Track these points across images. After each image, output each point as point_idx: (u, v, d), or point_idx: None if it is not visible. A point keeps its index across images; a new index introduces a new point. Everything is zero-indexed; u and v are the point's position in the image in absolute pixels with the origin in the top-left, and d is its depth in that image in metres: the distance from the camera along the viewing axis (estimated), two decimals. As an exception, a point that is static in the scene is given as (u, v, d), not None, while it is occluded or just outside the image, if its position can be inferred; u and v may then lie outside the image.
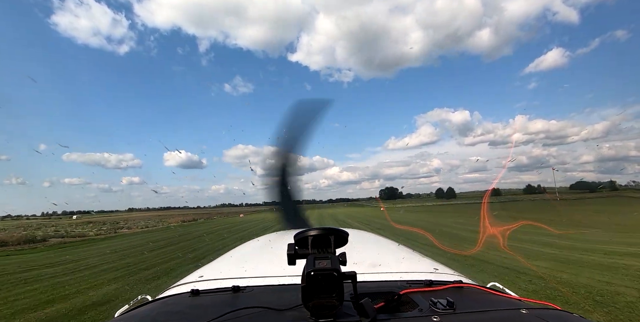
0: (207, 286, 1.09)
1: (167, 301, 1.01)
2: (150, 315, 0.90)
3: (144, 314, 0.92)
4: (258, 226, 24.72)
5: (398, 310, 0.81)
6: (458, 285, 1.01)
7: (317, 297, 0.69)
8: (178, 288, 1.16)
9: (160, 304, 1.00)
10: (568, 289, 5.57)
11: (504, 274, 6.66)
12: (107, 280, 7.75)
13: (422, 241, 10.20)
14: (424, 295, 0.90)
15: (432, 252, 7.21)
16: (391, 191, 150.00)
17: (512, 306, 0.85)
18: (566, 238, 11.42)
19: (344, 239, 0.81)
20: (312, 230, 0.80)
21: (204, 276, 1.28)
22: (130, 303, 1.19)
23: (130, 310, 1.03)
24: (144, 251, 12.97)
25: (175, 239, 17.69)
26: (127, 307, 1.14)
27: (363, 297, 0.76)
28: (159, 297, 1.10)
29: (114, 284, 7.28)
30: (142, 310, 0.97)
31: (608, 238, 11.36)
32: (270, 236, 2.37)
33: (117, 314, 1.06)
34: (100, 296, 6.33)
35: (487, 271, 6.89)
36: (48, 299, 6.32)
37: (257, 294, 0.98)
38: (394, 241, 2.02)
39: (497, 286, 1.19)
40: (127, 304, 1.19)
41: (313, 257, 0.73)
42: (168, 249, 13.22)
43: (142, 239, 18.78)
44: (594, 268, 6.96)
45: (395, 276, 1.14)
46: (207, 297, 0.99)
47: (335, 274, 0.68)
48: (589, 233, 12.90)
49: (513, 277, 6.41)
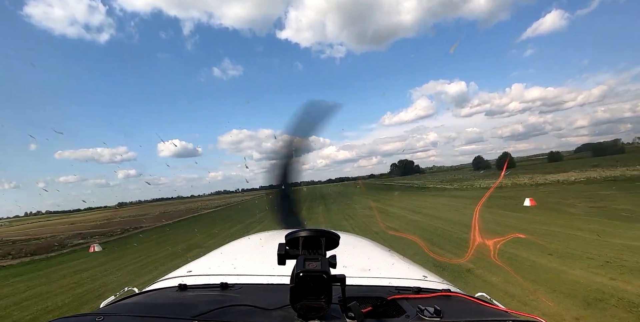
0: (195, 281, 1.09)
1: (154, 294, 1.01)
2: (136, 307, 0.89)
3: (130, 306, 0.92)
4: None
5: (385, 315, 0.81)
6: (446, 293, 1.01)
7: (305, 299, 0.70)
8: (165, 282, 1.16)
9: (147, 296, 0.99)
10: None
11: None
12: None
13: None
14: (412, 302, 0.90)
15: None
16: (405, 165, 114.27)
17: (499, 317, 0.85)
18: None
19: (335, 241, 0.82)
20: (303, 231, 0.80)
21: (193, 271, 1.27)
22: (117, 294, 1.19)
23: (116, 301, 1.03)
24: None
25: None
26: (114, 298, 1.13)
27: (351, 300, 0.76)
28: (146, 290, 1.10)
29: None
30: (128, 302, 0.96)
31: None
32: (262, 234, 2.36)
33: (102, 305, 1.06)
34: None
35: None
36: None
37: (246, 292, 0.98)
38: (385, 246, 2.02)
39: (484, 296, 1.20)
40: (113, 295, 1.19)
41: (303, 259, 0.73)
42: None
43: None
44: None
45: (384, 281, 1.14)
46: (194, 292, 0.99)
47: (324, 276, 0.69)
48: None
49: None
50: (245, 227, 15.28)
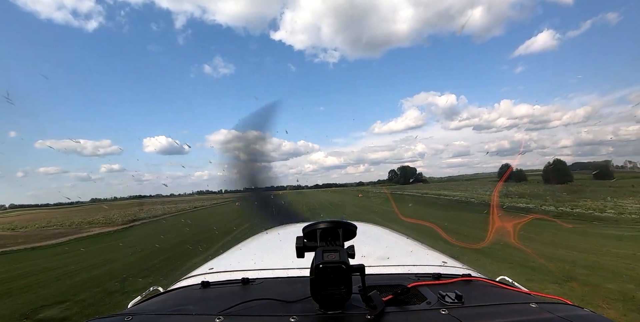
0: (217, 278, 1.11)
1: (178, 293, 1.03)
2: (163, 306, 0.92)
3: (157, 305, 0.94)
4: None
5: (406, 303, 0.81)
6: (466, 278, 1.00)
7: (326, 290, 0.70)
8: (189, 280, 1.19)
9: (171, 295, 1.02)
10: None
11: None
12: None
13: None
14: (432, 288, 0.90)
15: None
16: (406, 172, 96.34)
17: (522, 300, 0.84)
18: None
19: (353, 232, 0.81)
20: (320, 223, 0.80)
21: (214, 268, 1.30)
22: (143, 294, 1.22)
23: (142, 301, 1.06)
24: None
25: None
26: (140, 298, 1.17)
27: (371, 289, 0.76)
28: (171, 288, 1.13)
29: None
30: (154, 301, 0.99)
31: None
32: (279, 228, 2.39)
33: (130, 305, 1.09)
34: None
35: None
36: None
37: (267, 286, 0.99)
38: (402, 234, 2.02)
39: (506, 279, 1.18)
40: (140, 295, 1.22)
41: (322, 250, 0.73)
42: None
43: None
44: None
45: (403, 269, 1.14)
46: (217, 288, 1.01)
47: (343, 267, 0.69)
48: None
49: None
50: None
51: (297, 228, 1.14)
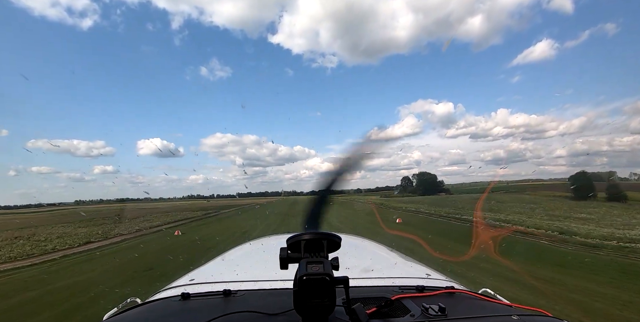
0: (198, 290, 1.08)
1: (157, 305, 1.00)
2: (140, 319, 0.88)
3: (133, 317, 0.91)
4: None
5: (390, 315, 0.81)
6: (450, 290, 1.01)
7: (310, 302, 0.69)
8: (168, 291, 1.15)
9: (149, 307, 0.98)
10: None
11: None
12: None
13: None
14: (416, 300, 0.91)
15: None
16: (426, 180, 77.40)
17: (504, 312, 0.86)
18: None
19: (337, 243, 0.81)
20: (305, 234, 0.80)
21: (195, 279, 1.26)
22: (119, 306, 1.17)
23: (118, 313, 1.02)
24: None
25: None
26: (116, 310, 1.12)
27: (355, 302, 0.76)
28: (149, 300, 1.09)
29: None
30: (131, 313, 0.95)
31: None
32: (263, 239, 2.35)
33: (105, 317, 1.05)
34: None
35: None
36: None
37: (249, 298, 0.97)
38: (386, 246, 2.02)
39: (488, 291, 1.20)
40: (116, 307, 1.17)
41: (305, 262, 0.73)
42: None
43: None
44: None
45: (387, 281, 1.14)
46: (197, 301, 0.98)
47: (327, 279, 0.68)
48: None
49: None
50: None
51: (281, 239, 1.13)
